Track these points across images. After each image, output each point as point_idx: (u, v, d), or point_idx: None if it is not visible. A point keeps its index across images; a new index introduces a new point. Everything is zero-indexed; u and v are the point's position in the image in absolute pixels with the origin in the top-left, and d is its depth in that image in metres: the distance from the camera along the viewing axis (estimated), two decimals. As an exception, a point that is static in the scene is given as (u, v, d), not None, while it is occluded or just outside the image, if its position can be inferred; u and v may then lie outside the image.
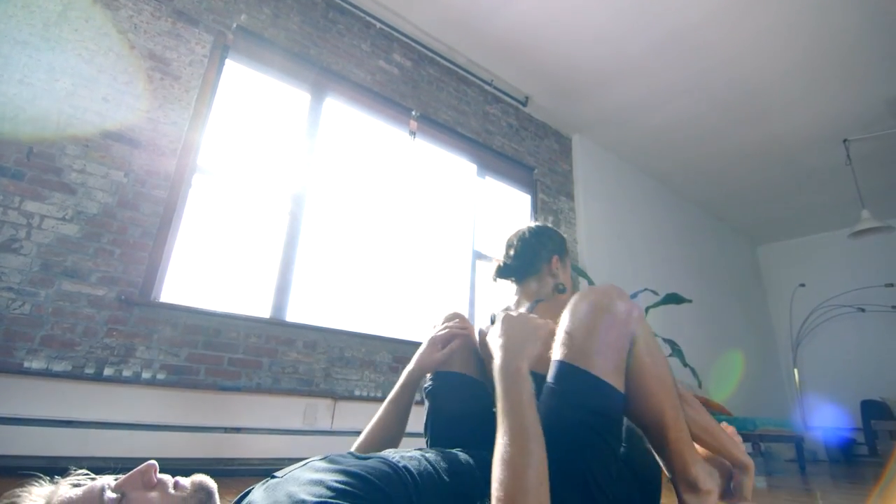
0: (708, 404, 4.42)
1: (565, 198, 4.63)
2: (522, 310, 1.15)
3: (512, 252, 1.27)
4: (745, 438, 3.99)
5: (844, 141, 4.62)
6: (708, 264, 6.03)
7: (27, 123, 2.13)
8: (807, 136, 4.63)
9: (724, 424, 1.05)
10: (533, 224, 1.31)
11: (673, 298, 3.79)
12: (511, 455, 0.65)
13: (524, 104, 4.39)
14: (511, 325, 0.84)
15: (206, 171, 2.66)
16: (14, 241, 2.02)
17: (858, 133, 4.55)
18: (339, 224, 3.17)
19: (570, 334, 0.84)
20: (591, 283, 4.02)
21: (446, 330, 1.23)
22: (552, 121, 4.70)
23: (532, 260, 1.24)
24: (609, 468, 0.77)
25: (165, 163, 2.46)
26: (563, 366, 0.83)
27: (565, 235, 4.41)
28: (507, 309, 1.25)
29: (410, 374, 1.19)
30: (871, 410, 5.11)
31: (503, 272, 1.28)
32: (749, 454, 1.16)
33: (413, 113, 3.62)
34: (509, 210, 4.29)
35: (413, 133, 3.62)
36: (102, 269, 2.19)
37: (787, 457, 4.85)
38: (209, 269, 2.62)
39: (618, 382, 0.81)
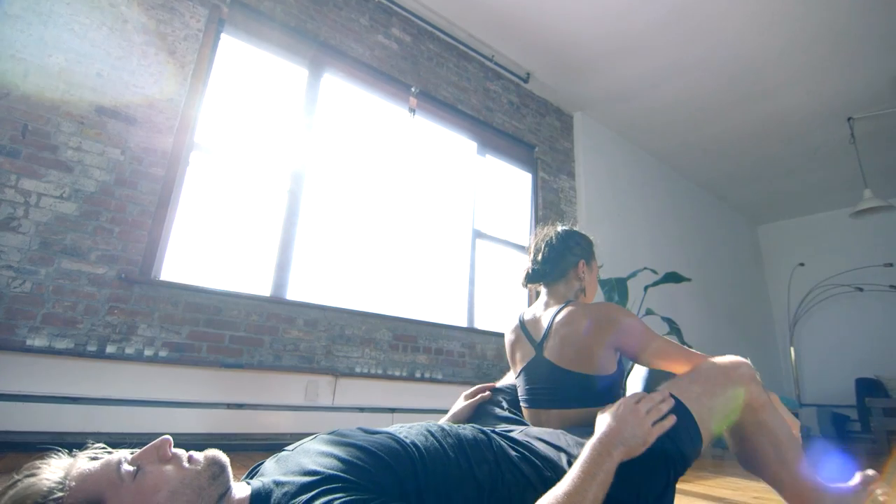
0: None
1: (566, 176, 4.60)
2: (551, 311, 1.20)
3: (540, 257, 1.29)
4: (741, 415, 4.05)
5: (849, 119, 4.57)
6: (708, 243, 6.04)
7: (21, 101, 2.10)
8: (811, 113, 4.58)
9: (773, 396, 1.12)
10: (560, 228, 1.33)
11: (672, 277, 3.80)
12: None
13: (525, 81, 4.32)
14: (632, 419, 0.86)
15: (203, 149, 2.64)
16: (12, 220, 2.01)
17: (863, 111, 4.50)
18: (339, 202, 3.15)
19: None
20: (590, 262, 4.02)
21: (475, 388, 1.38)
22: (554, 98, 4.64)
23: (560, 265, 1.27)
24: None
25: (162, 140, 2.43)
26: None
27: (565, 212, 4.41)
28: (529, 311, 1.30)
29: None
30: (866, 388, 5.18)
31: (532, 277, 1.31)
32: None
33: (412, 89, 3.57)
34: (510, 189, 4.27)
35: (413, 110, 3.58)
36: (102, 248, 2.19)
37: (781, 433, 4.92)
38: (209, 248, 2.62)
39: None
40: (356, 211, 3.22)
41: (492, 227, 3.96)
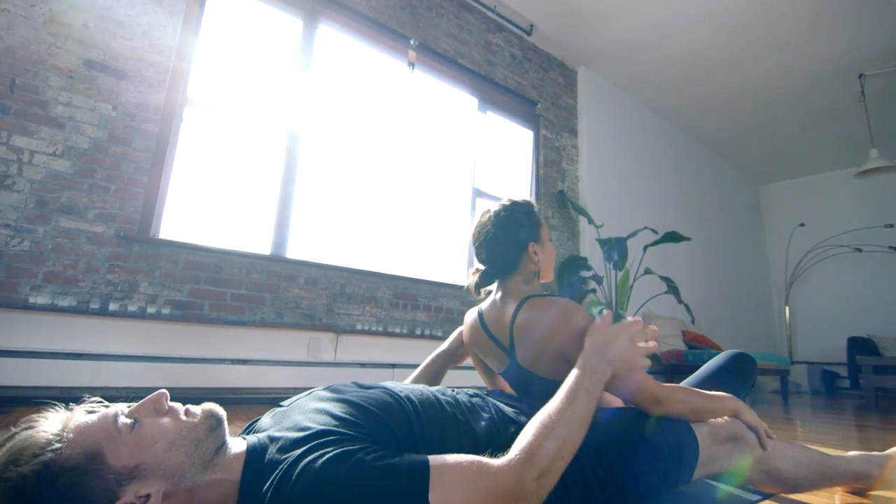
0: (700, 339, 4.56)
1: (568, 134, 4.52)
2: (510, 309, 1.07)
3: (484, 256, 1.13)
4: (733, 371, 4.14)
5: (860, 76, 4.44)
6: (708, 203, 6.00)
7: (6, 54, 2.03)
8: (821, 69, 4.44)
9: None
10: (495, 211, 1.14)
11: (672, 237, 3.80)
12: (553, 421, 0.71)
13: (528, 33, 4.17)
14: (622, 339, 0.88)
15: (197, 104, 2.57)
16: (6, 178, 1.99)
17: (875, 67, 4.36)
18: (337, 160, 3.11)
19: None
20: (591, 221, 4.02)
21: None
22: (557, 52, 4.49)
23: (508, 257, 1.11)
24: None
25: (154, 95, 2.37)
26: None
27: (566, 171, 4.36)
28: (487, 308, 1.16)
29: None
30: (858, 346, 5.28)
31: (483, 282, 1.14)
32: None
33: (411, 42, 3.45)
34: (511, 147, 4.20)
35: (412, 64, 3.47)
36: (99, 206, 2.17)
37: (772, 388, 5.07)
38: (207, 206, 2.60)
39: None
40: (355, 169, 3.18)
41: (492, 186, 3.92)
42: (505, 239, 1.10)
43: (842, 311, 6.14)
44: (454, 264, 3.60)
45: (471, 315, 1.20)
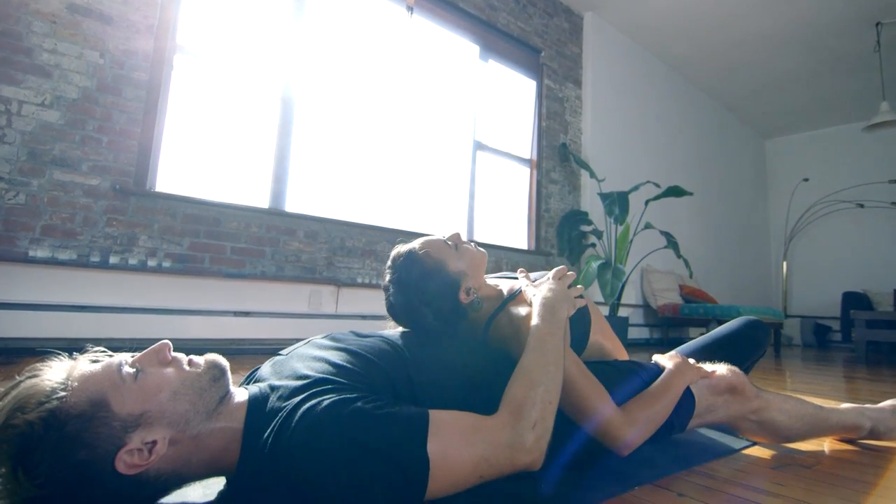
0: (696, 294, 4.61)
1: (572, 84, 4.38)
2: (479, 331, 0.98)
3: (424, 323, 0.94)
4: (728, 325, 4.21)
5: (877, 24, 4.25)
6: (712, 158, 5.91)
7: (-16, -6, 1.93)
8: (838, 17, 4.25)
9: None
10: (393, 277, 0.98)
11: (674, 191, 3.76)
12: (529, 371, 0.71)
13: (533, -25, 3.96)
14: (560, 282, 0.92)
15: (188, 52, 2.48)
16: (-4, 128, 1.94)
17: (893, 16, 4.16)
18: (335, 111, 3.03)
19: None
20: (592, 175, 3.96)
21: None
22: (563, -5, 4.28)
23: (446, 317, 0.94)
24: None
25: (142, 41, 2.28)
26: None
27: (569, 122, 4.26)
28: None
29: None
30: (852, 301, 5.34)
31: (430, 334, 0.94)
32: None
33: (410, -15, 3.28)
34: (512, 97, 4.08)
35: (410, 9, 3.31)
36: (92, 158, 2.14)
37: (765, 341, 5.16)
38: (202, 158, 2.55)
39: None
40: (353, 120, 3.10)
41: (493, 138, 3.84)
42: (421, 304, 0.93)
43: (839, 266, 6.18)
44: (454, 218, 3.58)
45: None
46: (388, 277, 1.00)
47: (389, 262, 1.00)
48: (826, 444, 1.15)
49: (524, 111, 4.15)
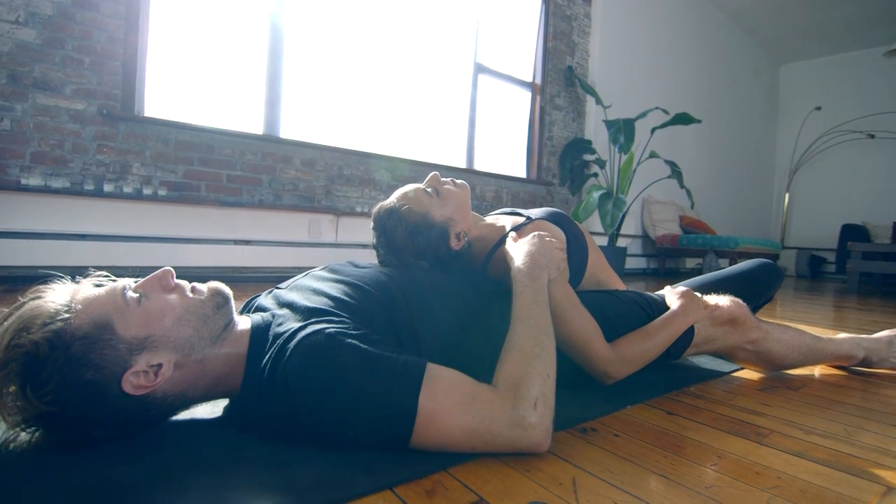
0: (696, 224, 4.60)
1: (582, 1, 4.10)
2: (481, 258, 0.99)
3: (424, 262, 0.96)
4: (725, 255, 4.26)
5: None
6: (724, 83, 5.66)
7: None
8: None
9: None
10: (381, 240, 0.97)
11: (682, 119, 3.64)
12: (522, 345, 0.67)
13: None
14: (539, 244, 0.83)
15: (166, -39, 2.29)
16: (-31, 46, 1.83)
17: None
18: (328, 33, 2.85)
19: None
20: (598, 101, 3.82)
21: None
22: None
23: (443, 263, 0.96)
24: None
25: (117, -52, 2.09)
26: None
27: (577, 44, 4.03)
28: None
29: None
30: (850, 233, 5.35)
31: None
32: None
33: None
34: (516, 16, 3.83)
35: (407, -88, 3.02)
36: (75, 81, 2.04)
37: (760, 272, 5.23)
38: (191, 83, 2.44)
39: None
40: (348, 41, 2.93)
41: (495, 61, 3.65)
42: (417, 247, 0.93)
43: (842, 198, 6.12)
44: (454, 145, 3.49)
45: None
46: (375, 239, 0.98)
47: (373, 223, 0.98)
48: (817, 370, 1.19)
49: (528, 31, 3.91)
